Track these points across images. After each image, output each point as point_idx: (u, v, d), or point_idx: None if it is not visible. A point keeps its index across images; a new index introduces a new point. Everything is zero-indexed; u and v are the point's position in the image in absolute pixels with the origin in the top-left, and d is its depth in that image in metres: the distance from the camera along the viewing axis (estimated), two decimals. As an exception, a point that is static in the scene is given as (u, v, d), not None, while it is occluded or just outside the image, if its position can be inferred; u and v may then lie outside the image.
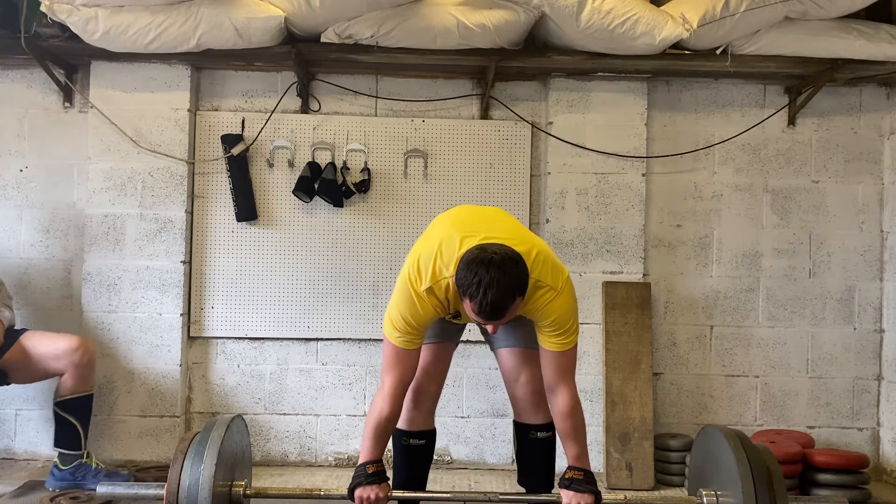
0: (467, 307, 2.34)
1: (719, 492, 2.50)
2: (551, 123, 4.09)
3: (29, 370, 3.56)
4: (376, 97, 4.16)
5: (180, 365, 4.01)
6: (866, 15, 3.93)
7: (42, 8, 3.61)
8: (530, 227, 4.06)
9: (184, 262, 4.02)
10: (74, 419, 3.54)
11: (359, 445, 3.92)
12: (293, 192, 4.02)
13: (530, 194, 4.14)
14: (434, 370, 2.80)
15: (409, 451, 2.83)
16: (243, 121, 4.09)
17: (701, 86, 4.21)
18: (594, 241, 4.07)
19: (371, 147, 4.11)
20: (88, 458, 3.58)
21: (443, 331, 2.77)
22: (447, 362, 2.86)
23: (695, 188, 4.20)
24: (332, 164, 4.05)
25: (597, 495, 2.49)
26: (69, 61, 4.04)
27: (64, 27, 3.71)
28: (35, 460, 4.02)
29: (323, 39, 3.82)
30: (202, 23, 3.69)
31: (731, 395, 4.18)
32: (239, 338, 4.10)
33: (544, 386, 2.63)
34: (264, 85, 4.14)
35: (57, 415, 3.55)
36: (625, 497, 2.62)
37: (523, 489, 2.91)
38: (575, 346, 2.56)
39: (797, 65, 3.91)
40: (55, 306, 4.07)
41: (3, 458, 4.01)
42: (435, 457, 3.00)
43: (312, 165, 4.03)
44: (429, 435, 2.87)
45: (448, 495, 2.67)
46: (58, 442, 3.57)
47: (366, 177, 4.08)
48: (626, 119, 4.08)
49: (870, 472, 3.79)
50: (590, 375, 4.01)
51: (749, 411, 4.18)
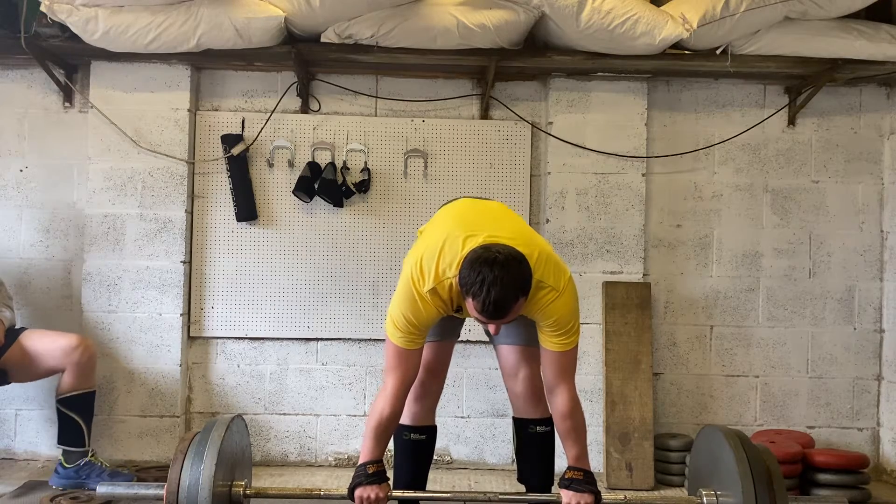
0: (470, 306, 2.35)
1: (719, 492, 2.50)
2: (551, 123, 4.09)
3: (29, 369, 3.56)
4: (376, 97, 4.16)
5: (180, 365, 4.01)
6: (866, 15, 3.93)
7: (42, 8, 3.61)
8: (530, 227, 4.06)
9: (184, 262, 4.02)
10: (77, 416, 3.54)
11: (359, 445, 3.95)
12: (293, 192, 4.02)
13: (530, 194, 4.14)
14: (436, 367, 2.82)
15: (410, 447, 2.83)
16: (243, 121, 4.09)
17: (701, 86, 4.21)
18: (594, 241, 4.07)
19: (371, 147, 4.11)
20: (93, 457, 3.58)
21: (443, 329, 2.78)
22: (448, 359, 2.89)
23: (695, 188, 4.20)
24: (332, 164, 4.05)
25: (597, 495, 2.49)
26: (69, 61, 4.04)
27: (64, 27, 3.71)
28: (35, 460, 4.02)
29: (323, 39, 3.82)
30: (202, 23, 3.69)
31: (731, 395, 4.18)
32: (239, 338, 4.10)
33: (544, 386, 2.65)
34: (264, 85, 4.14)
35: (60, 412, 3.55)
36: (625, 497, 2.62)
37: (523, 488, 2.92)
38: (576, 347, 2.57)
39: (797, 65, 3.91)
40: (55, 306, 4.07)
41: (3, 458, 4.01)
42: (435, 457, 3.01)
43: (312, 165, 4.03)
44: (429, 431, 2.88)
45: (448, 495, 2.67)
46: (61, 440, 3.57)
47: (366, 177, 4.08)
48: (626, 119, 4.08)
49: (870, 472, 3.80)
50: (590, 375, 4.01)
51: (749, 411, 4.18)
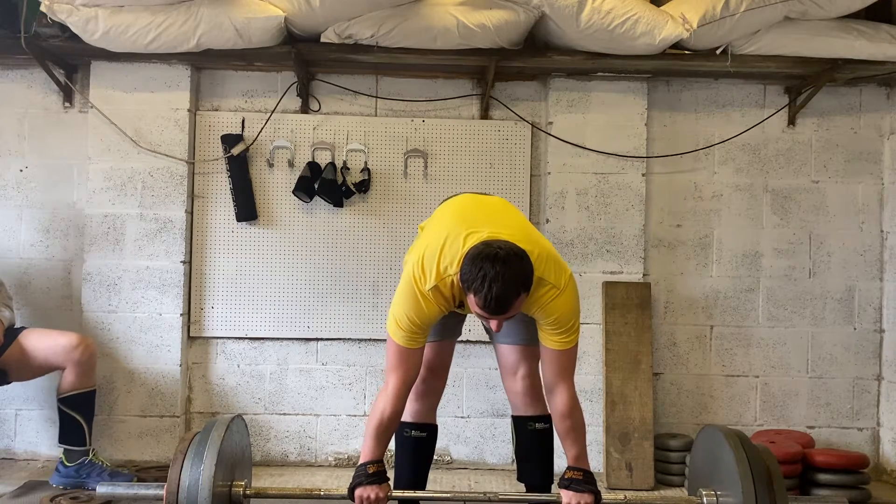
0: (471, 302, 2.35)
1: (719, 492, 2.50)
2: (551, 123, 4.09)
3: (29, 368, 3.56)
4: (376, 97, 4.16)
5: (180, 365, 4.01)
6: (866, 15, 3.93)
7: (42, 8, 3.60)
8: (530, 227, 4.06)
9: (184, 262, 4.02)
10: (78, 415, 3.53)
11: (359, 445, 3.95)
12: (293, 192, 4.02)
13: (530, 194, 4.14)
14: (437, 366, 2.83)
15: (411, 444, 2.84)
16: (243, 121, 4.09)
17: (701, 86, 4.21)
18: (594, 241, 4.07)
19: (371, 147, 4.11)
20: (94, 456, 3.58)
21: (444, 328, 2.78)
22: (450, 359, 2.90)
23: (695, 188, 4.20)
24: (332, 164, 4.05)
25: (596, 495, 2.49)
26: (69, 61, 4.04)
27: (64, 27, 3.71)
28: (35, 460, 4.02)
29: (323, 39, 3.82)
30: (202, 23, 3.69)
31: (731, 395, 4.18)
32: (239, 338, 4.10)
33: (543, 385, 2.65)
34: (264, 85, 4.14)
35: (61, 411, 3.54)
36: (625, 497, 2.62)
37: (523, 488, 2.92)
38: (576, 346, 2.57)
39: (797, 65, 3.91)
40: (55, 306, 4.07)
41: (3, 458, 4.01)
42: (435, 457, 3.01)
43: (312, 165, 4.03)
44: (430, 429, 2.88)
45: (448, 495, 2.67)
46: (62, 438, 3.57)
47: (366, 177, 4.08)
48: (626, 119, 4.08)
49: (870, 472, 3.79)
50: (590, 375, 4.01)
51: (749, 411, 4.18)
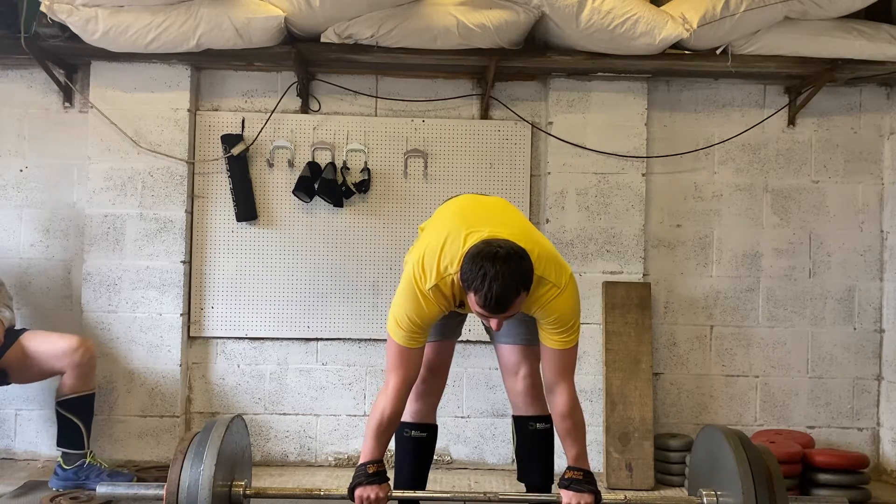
0: (472, 301, 2.35)
1: (719, 492, 2.50)
2: (551, 123, 4.09)
3: (29, 370, 3.56)
4: (376, 97, 4.16)
5: (180, 365, 4.01)
6: (866, 15, 3.93)
7: (42, 8, 3.60)
8: (530, 227, 4.06)
9: (184, 262, 4.02)
10: (77, 418, 3.53)
11: (359, 445, 3.95)
12: (293, 192, 4.02)
13: (530, 194, 4.14)
14: (437, 366, 2.84)
15: (411, 444, 2.84)
16: (243, 121, 4.09)
17: (701, 86, 4.21)
18: (594, 241, 4.07)
19: (371, 147, 4.11)
20: (92, 458, 3.58)
21: (445, 328, 2.78)
22: (450, 359, 2.90)
23: (695, 188, 4.20)
24: (332, 164, 4.05)
25: (596, 495, 2.49)
26: (69, 61, 4.04)
27: (64, 27, 3.71)
28: (35, 460, 4.02)
29: (323, 39, 3.82)
30: (202, 23, 3.69)
31: (731, 395, 4.18)
32: (239, 338, 4.10)
33: (544, 385, 2.65)
34: (264, 85, 4.14)
35: (59, 414, 3.55)
36: (625, 497, 2.62)
37: (523, 488, 2.92)
38: (576, 345, 2.57)
39: (797, 65, 3.91)
40: (55, 306, 4.07)
41: (3, 458, 4.01)
42: (435, 457, 3.01)
43: (312, 165, 4.03)
44: (430, 429, 2.88)
45: (448, 495, 2.67)
46: (60, 442, 3.57)
47: (366, 177, 4.08)
48: (626, 119, 4.08)
49: (870, 472, 3.79)
50: (590, 375, 4.01)
51: (749, 411, 4.18)
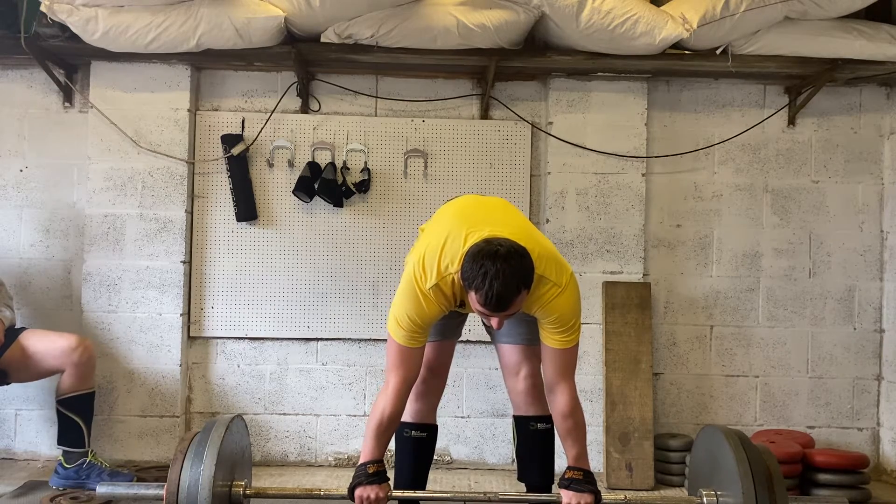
0: (472, 300, 2.35)
1: (719, 492, 2.50)
2: (551, 123, 4.09)
3: (29, 369, 3.56)
4: (376, 97, 4.16)
5: (180, 365, 4.01)
6: (866, 15, 3.93)
7: (42, 8, 3.60)
8: (530, 227, 4.06)
9: (184, 262, 4.02)
10: (77, 417, 3.54)
11: (359, 445, 3.95)
12: (293, 192, 4.02)
13: (530, 194, 4.14)
14: (438, 366, 2.84)
15: (411, 444, 2.84)
16: (243, 121, 4.09)
17: (701, 86, 4.21)
18: (594, 241, 4.07)
19: (371, 147, 4.11)
20: (93, 457, 3.58)
21: (445, 328, 2.79)
22: (450, 359, 2.90)
23: (695, 188, 4.20)
24: (332, 164, 4.05)
25: (596, 495, 2.49)
26: (69, 61, 4.04)
27: (64, 27, 3.71)
28: (35, 460, 4.02)
29: (323, 39, 3.82)
30: (202, 23, 3.69)
31: (731, 395, 4.18)
32: (239, 338, 4.10)
33: (544, 384, 2.65)
34: (264, 85, 4.14)
35: (59, 413, 3.55)
36: (625, 497, 2.62)
37: (523, 488, 2.92)
38: (577, 345, 2.58)
39: (797, 65, 3.91)
40: (55, 306, 4.07)
41: (3, 458, 4.01)
42: (435, 457, 3.01)
43: (312, 165, 4.03)
44: (430, 429, 2.88)
45: (448, 495, 2.67)
46: (61, 440, 3.57)
47: (366, 177, 4.08)
48: (626, 119, 4.08)
49: (870, 472, 3.79)
50: (590, 375, 4.01)
51: (749, 411, 4.18)
